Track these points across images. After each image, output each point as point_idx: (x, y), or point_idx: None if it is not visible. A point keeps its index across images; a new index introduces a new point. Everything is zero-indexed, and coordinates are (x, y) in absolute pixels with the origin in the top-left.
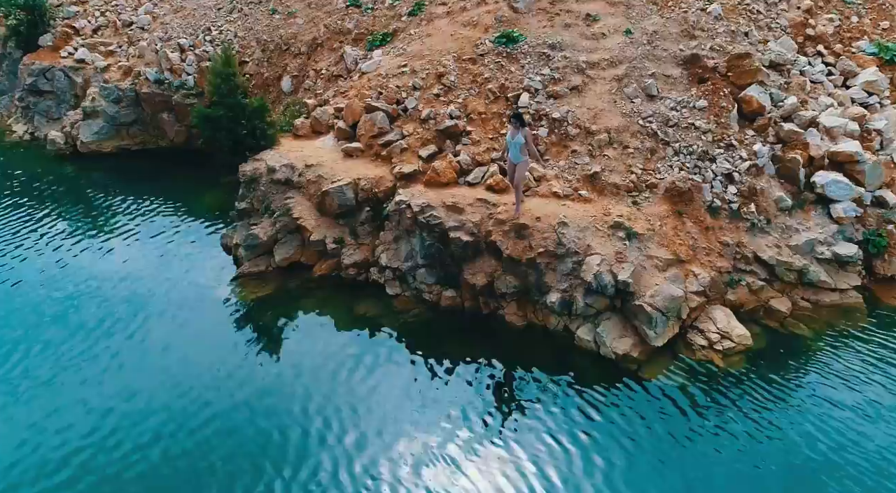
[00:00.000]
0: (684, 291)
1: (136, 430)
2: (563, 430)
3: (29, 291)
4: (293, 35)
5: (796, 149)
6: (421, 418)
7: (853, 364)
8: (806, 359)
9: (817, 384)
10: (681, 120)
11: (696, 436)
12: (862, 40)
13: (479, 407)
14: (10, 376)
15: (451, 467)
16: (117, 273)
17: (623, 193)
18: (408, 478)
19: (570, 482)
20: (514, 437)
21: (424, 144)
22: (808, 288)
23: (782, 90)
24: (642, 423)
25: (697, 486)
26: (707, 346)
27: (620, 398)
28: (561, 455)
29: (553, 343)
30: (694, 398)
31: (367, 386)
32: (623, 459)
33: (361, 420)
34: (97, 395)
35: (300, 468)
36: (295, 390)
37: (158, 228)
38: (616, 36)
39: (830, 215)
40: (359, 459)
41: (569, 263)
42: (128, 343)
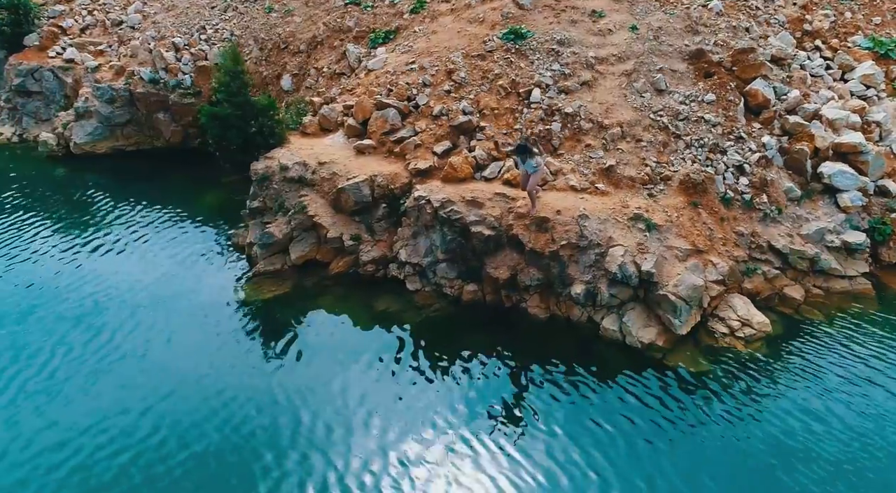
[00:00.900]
0: (704, 280)
1: (175, 429)
2: (597, 417)
3: (47, 297)
4: (291, 33)
5: (802, 140)
6: (450, 410)
7: (869, 346)
8: (824, 343)
9: (839, 366)
10: (690, 114)
11: (735, 419)
12: (857, 35)
13: (508, 398)
14: (42, 379)
15: (484, 458)
16: (129, 277)
17: (638, 186)
18: (438, 470)
19: (611, 468)
20: (547, 427)
21: (438, 140)
22: (819, 276)
23: (785, 84)
24: (676, 408)
25: (741, 466)
26: (729, 333)
27: (650, 386)
28: (598, 442)
29: (577, 334)
30: (724, 384)
31: (393, 381)
32: (663, 443)
33: (391, 414)
34: (133, 397)
35: (333, 461)
36: (322, 387)
37: (163, 229)
38: (622, 32)
39: (837, 205)
40: (392, 451)
41: (591, 254)
42: (152, 346)
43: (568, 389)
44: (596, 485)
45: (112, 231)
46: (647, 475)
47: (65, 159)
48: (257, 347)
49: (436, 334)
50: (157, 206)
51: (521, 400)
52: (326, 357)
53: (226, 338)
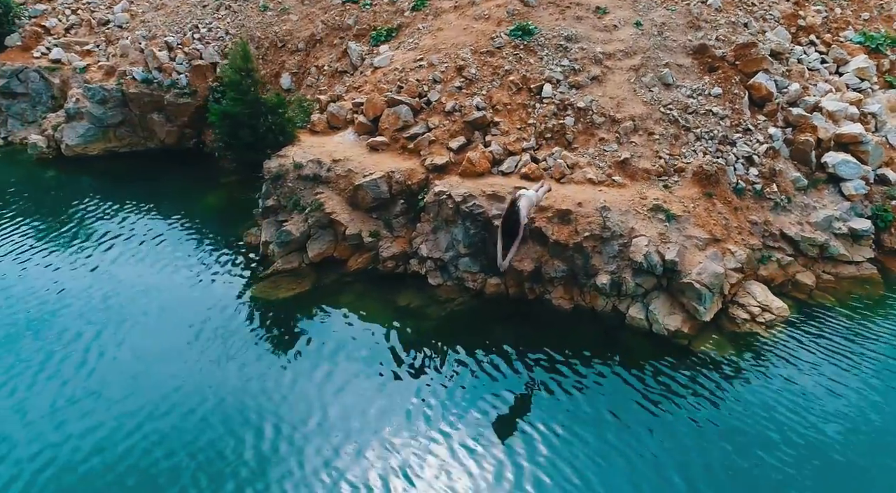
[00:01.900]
0: (724, 268)
1: (205, 432)
2: (635, 402)
3: (67, 303)
4: (288, 32)
5: (806, 132)
6: (479, 400)
7: (883, 325)
8: (840, 325)
9: (859, 345)
10: (698, 107)
11: (771, 400)
12: (847, 30)
13: (541, 386)
14: (72, 391)
15: (519, 447)
16: (140, 281)
17: (653, 178)
18: (472, 461)
19: (650, 453)
20: (583, 415)
21: (453, 135)
22: (828, 262)
23: (785, 77)
24: (712, 392)
25: (782, 446)
26: (750, 319)
27: (681, 371)
28: (632, 430)
29: (602, 324)
30: (754, 366)
31: (421, 375)
32: (707, 426)
33: (421, 408)
34: (176, 400)
35: (369, 453)
36: (350, 383)
37: (169, 231)
38: (627, 27)
39: (842, 193)
40: (424, 442)
41: (614, 245)
42: (181, 351)
43: (599, 375)
44: (643, 471)
45: (116, 234)
46: (691, 461)
47: (55, 162)
48: (281, 345)
49: (461, 327)
50: (159, 207)
51: (554, 387)
52: (352, 353)
53: (247, 338)
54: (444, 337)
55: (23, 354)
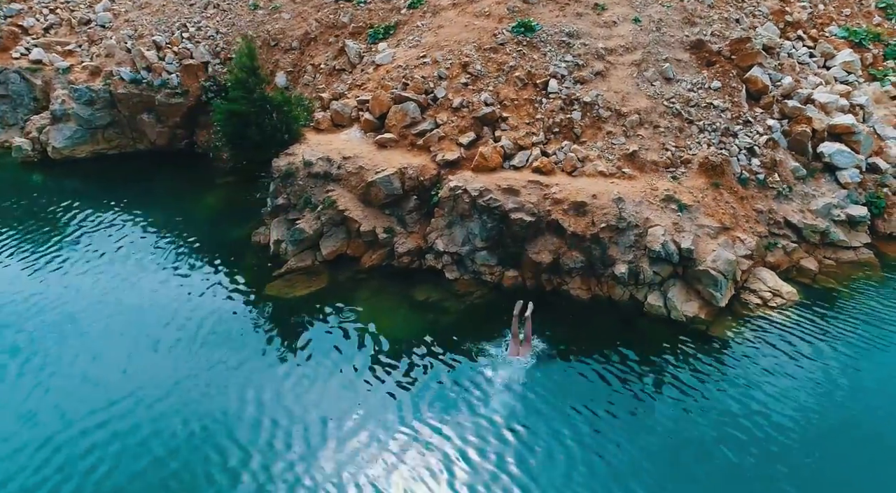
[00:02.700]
0: (735, 255)
1: (255, 430)
2: (660, 387)
3: (82, 314)
4: (281, 30)
5: (801, 123)
6: (511, 389)
7: (885, 304)
8: (845, 306)
9: (867, 323)
10: (700, 100)
11: (792, 378)
12: (832, 26)
13: (567, 371)
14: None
15: (548, 429)
16: (157, 287)
17: (662, 170)
18: (502, 445)
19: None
20: (614, 397)
21: (462, 131)
22: (828, 248)
23: (777, 71)
24: (733, 375)
25: (812, 415)
26: (762, 304)
27: (702, 355)
28: (666, 412)
29: (620, 312)
30: (772, 347)
31: (447, 366)
32: (737, 404)
33: (457, 396)
34: (214, 404)
35: (402, 438)
36: (376, 377)
37: (170, 234)
38: (626, 24)
39: (838, 181)
40: (452, 430)
41: (630, 235)
42: (208, 354)
43: (622, 361)
44: (681, 446)
45: (121, 237)
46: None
47: (41, 165)
48: (303, 343)
49: (482, 318)
50: (158, 210)
51: (587, 372)
52: (377, 349)
53: (268, 337)
54: (468, 328)
55: (50, 357)
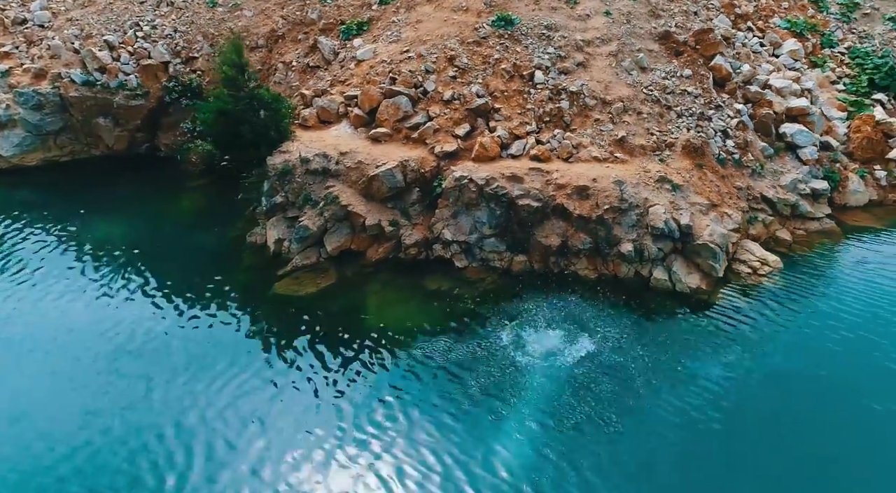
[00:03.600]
0: (726, 229)
1: (294, 439)
2: (681, 352)
3: (93, 338)
4: (245, 28)
5: (763, 106)
6: (536, 366)
7: (851, 265)
8: (821, 268)
9: (844, 282)
10: (675, 88)
11: (792, 335)
12: (774, 17)
13: (589, 345)
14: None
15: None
16: (150, 298)
17: (650, 153)
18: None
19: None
20: (626, 363)
21: (457, 123)
22: (798, 219)
23: (736, 59)
24: (740, 337)
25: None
26: (753, 272)
27: (708, 321)
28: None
29: (627, 288)
30: (769, 311)
31: (472, 351)
32: (752, 363)
33: (477, 379)
34: (257, 408)
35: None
36: (399, 367)
37: (148, 242)
38: (598, 17)
39: (799, 159)
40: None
41: (632, 215)
42: (209, 353)
43: (639, 332)
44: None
45: (103, 251)
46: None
47: None
48: (321, 339)
49: (496, 303)
50: (126, 218)
51: (603, 344)
52: (395, 338)
53: (286, 335)
54: (480, 315)
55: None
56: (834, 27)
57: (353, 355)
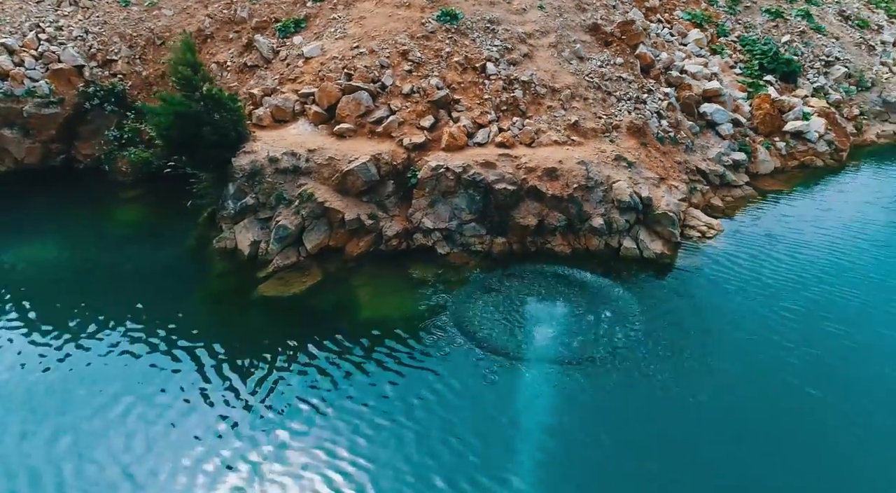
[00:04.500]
0: (676, 199)
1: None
2: (658, 311)
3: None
4: (166, 28)
5: (685, 89)
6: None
7: (775, 221)
8: (754, 228)
9: (779, 235)
10: (611, 75)
11: (748, 285)
12: (677, 10)
13: (568, 314)
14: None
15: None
16: (159, 324)
17: (600, 135)
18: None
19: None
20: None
21: (420, 115)
22: (725, 188)
23: (654, 48)
24: (699, 290)
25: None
26: (702, 236)
27: (677, 282)
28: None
29: (600, 258)
30: (728, 267)
31: (470, 331)
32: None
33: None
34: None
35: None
36: (406, 356)
37: (98, 261)
38: (533, 11)
39: (719, 134)
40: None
41: (598, 192)
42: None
43: (617, 296)
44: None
45: (31, 280)
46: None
47: None
48: (322, 334)
49: (483, 284)
50: (64, 238)
51: (585, 313)
52: (395, 327)
53: (287, 335)
54: (474, 295)
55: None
56: (724, 19)
57: (355, 348)
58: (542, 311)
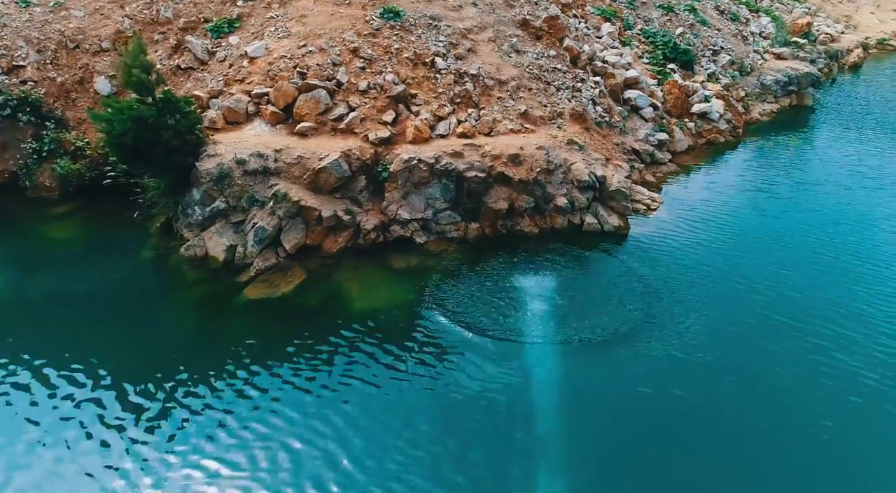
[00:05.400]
0: (623, 176)
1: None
2: (613, 272)
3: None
4: (79, 30)
5: (610, 78)
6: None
7: (700, 190)
8: (685, 198)
9: (702, 202)
10: (548, 66)
11: (691, 243)
12: (588, 6)
13: (546, 282)
14: None
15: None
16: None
17: (548, 122)
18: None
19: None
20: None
21: (380, 111)
22: (654, 165)
23: (576, 41)
24: (656, 253)
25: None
26: (647, 208)
27: (636, 248)
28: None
29: (564, 235)
30: (673, 234)
31: (456, 311)
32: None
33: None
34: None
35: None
36: (407, 341)
37: (40, 287)
38: (468, 7)
39: (643, 117)
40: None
41: (559, 174)
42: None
43: (584, 266)
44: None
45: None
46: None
47: None
48: (325, 332)
49: (463, 267)
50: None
51: (552, 280)
52: (386, 317)
53: (291, 334)
54: (456, 278)
55: None
56: (627, 13)
57: (355, 340)
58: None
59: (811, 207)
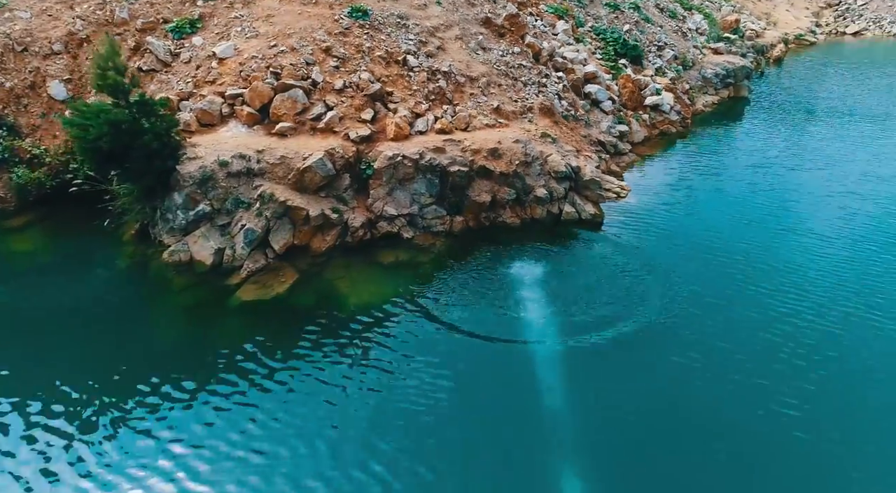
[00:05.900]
0: (594, 166)
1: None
2: (587, 261)
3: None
4: (26, 32)
5: (571, 73)
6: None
7: (662, 176)
8: (650, 184)
9: (666, 187)
10: (514, 62)
11: (664, 228)
12: (542, 4)
13: (532, 270)
14: None
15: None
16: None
17: (520, 117)
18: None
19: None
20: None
21: (359, 109)
22: (617, 155)
23: (536, 38)
24: (632, 236)
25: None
26: (617, 196)
27: (612, 234)
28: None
29: (544, 225)
30: (643, 217)
31: (451, 298)
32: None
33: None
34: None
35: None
36: (405, 339)
37: (17, 302)
38: (433, 6)
39: (603, 110)
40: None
41: (536, 166)
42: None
43: (566, 252)
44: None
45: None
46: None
47: None
48: (324, 330)
49: (450, 260)
50: None
51: (535, 268)
52: (380, 313)
53: (290, 334)
54: (444, 270)
55: None
56: (578, 11)
57: (353, 337)
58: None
59: (763, 187)
